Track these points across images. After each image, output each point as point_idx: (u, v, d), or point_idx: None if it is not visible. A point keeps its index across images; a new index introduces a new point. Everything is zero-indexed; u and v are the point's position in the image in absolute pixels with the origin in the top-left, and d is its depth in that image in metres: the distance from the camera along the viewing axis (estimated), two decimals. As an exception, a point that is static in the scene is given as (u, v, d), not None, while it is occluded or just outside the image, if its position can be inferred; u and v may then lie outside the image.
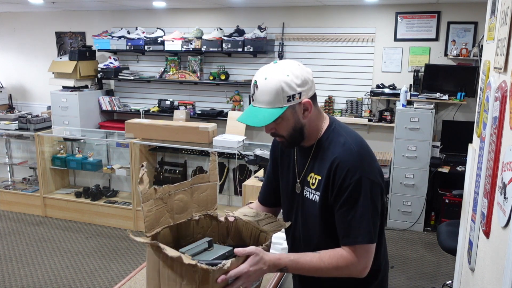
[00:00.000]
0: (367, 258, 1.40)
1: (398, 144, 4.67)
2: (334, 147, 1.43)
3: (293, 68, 1.38)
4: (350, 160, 1.38)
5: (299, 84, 1.37)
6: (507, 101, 1.42)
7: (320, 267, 1.39)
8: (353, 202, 1.37)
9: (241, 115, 1.42)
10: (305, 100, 1.39)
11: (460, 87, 4.73)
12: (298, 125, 1.42)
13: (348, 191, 1.37)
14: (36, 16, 6.69)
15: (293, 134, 1.44)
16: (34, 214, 5.13)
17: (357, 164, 1.38)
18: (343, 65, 5.32)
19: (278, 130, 1.43)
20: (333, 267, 1.39)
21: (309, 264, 1.39)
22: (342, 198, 1.38)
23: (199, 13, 5.84)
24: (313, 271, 1.40)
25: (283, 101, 1.36)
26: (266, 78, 1.35)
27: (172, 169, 4.84)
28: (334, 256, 1.39)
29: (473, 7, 4.80)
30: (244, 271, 1.31)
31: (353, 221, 1.37)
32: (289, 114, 1.39)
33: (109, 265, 3.97)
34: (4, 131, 5.36)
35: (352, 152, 1.39)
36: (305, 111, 1.41)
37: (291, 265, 1.39)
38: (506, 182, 1.31)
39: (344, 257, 1.38)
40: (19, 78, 7.00)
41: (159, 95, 6.12)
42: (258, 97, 1.37)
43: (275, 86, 1.34)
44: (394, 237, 4.60)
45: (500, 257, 1.33)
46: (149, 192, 1.43)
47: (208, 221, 1.67)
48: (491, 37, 1.89)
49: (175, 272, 1.29)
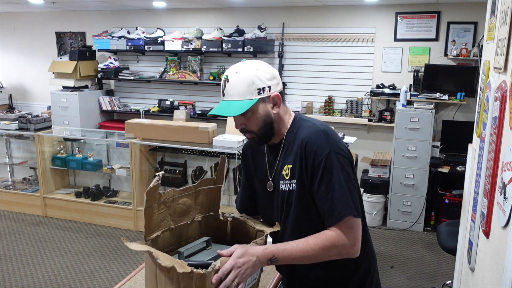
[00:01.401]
0: (354, 233, 1.38)
1: (398, 144, 4.67)
2: (301, 131, 1.47)
3: (261, 64, 1.46)
4: (317, 138, 1.41)
5: (268, 78, 1.44)
6: (507, 101, 1.42)
7: (308, 250, 1.37)
8: (328, 179, 1.38)
9: (213, 109, 1.45)
10: (274, 94, 1.45)
11: (460, 87, 4.73)
12: (268, 119, 1.46)
13: (321, 169, 1.39)
14: (36, 16, 6.69)
15: (263, 129, 1.47)
16: (34, 214, 5.13)
17: (324, 141, 1.41)
18: (343, 65, 5.32)
19: (248, 125, 1.46)
20: (320, 248, 1.37)
21: (295, 249, 1.38)
22: (318, 178, 1.39)
23: (199, 13, 5.84)
24: (301, 256, 1.39)
25: (253, 93, 1.42)
26: (237, 72, 1.42)
27: (172, 169, 4.84)
28: (319, 237, 1.38)
29: (473, 7, 4.80)
30: (232, 264, 1.31)
31: (333, 198, 1.37)
32: (259, 107, 1.44)
33: (109, 265, 3.98)
34: (4, 131, 5.36)
35: (317, 131, 1.43)
36: (274, 106, 1.47)
37: (278, 253, 1.38)
38: (506, 182, 1.31)
39: (329, 236, 1.37)
40: (19, 78, 7.00)
41: (159, 95, 6.13)
42: (229, 90, 1.42)
43: (246, 78, 1.41)
44: (394, 237, 4.60)
45: (500, 257, 1.33)
46: (153, 198, 1.43)
47: (209, 221, 1.67)
48: (491, 37, 1.89)
49: (171, 278, 1.29)
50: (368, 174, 4.90)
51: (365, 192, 4.78)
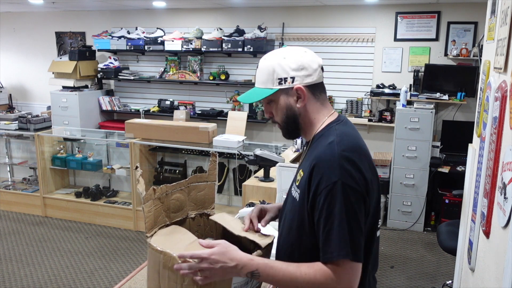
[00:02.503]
0: (350, 278, 1.20)
1: (398, 144, 4.67)
2: (320, 146, 1.30)
3: (294, 52, 1.34)
4: (327, 162, 1.22)
5: (293, 68, 1.31)
6: (507, 101, 1.42)
7: (296, 277, 1.21)
8: (329, 212, 1.19)
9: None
10: (297, 86, 1.32)
11: (460, 87, 4.73)
12: (289, 112, 1.35)
13: (323, 197, 1.20)
14: (36, 16, 6.69)
15: (286, 122, 1.37)
16: (34, 214, 5.13)
17: (336, 167, 1.20)
18: (343, 65, 5.32)
19: (274, 115, 1.41)
20: (310, 280, 1.20)
21: (283, 271, 1.22)
22: (319, 206, 1.22)
23: (199, 13, 5.84)
24: (287, 281, 1.22)
25: (274, 83, 1.33)
26: (265, 59, 1.37)
27: (172, 169, 4.84)
28: (313, 267, 1.22)
29: (473, 7, 4.80)
30: (204, 256, 1.22)
31: (329, 234, 1.19)
32: (281, 98, 1.35)
33: (109, 265, 3.97)
34: (4, 131, 5.36)
35: (333, 153, 1.23)
36: (299, 99, 1.34)
37: (263, 269, 1.23)
38: (506, 182, 1.31)
39: (323, 271, 1.20)
40: (19, 78, 7.00)
41: (159, 95, 6.12)
42: (256, 77, 1.39)
43: (268, 66, 1.34)
44: (394, 237, 4.60)
45: (500, 257, 1.33)
46: (149, 193, 1.43)
47: (205, 220, 1.67)
48: (491, 37, 1.89)
49: (175, 273, 1.28)
50: (368, 174, 4.89)
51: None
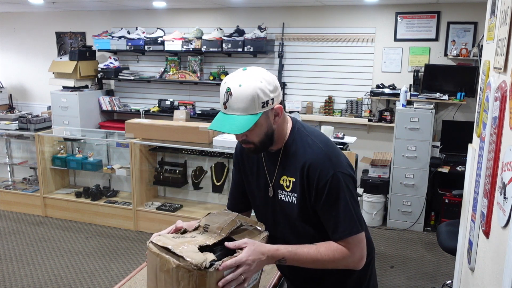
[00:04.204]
0: (361, 248, 1.44)
1: (398, 144, 4.67)
2: (303, 149, 1.45)
3: (264, 74, 1.39)
4: (320, 160, 1.41)
5: (271, 90, 1.38)
6: (507, 101, 1.42)
7: (318, 259, 1.42)
8: (334, 199, 1.40)
9: (213, 123, 1.40)
10: (277, 106, 1.41)
11: (460, 87, 4.73)
12: (269, 131, 1.43)
13: (326, 190, 1.40)
14: (36, 16, 6.69)
15: (264, 140, 1.44)
16: (34, 214, 5.13)
17: (327, 162, 1.41)
18: (343, 65, 5.32)
19: (249, 137, 1.43)
20: (330, 259, 1.42)
21: (306, 255, 1.42)
22: (323, 198, 1.41)
23: (199, 13, 5.84)
24: (310, 262, 1.43)
25: (257, 108, 1.36)
26: (241, 85, 1.34)
27: (172, 169, 4.84)
28: (330, 248, 1.42)
29: (473, 7, 4.80)
30: (243, 260, 1.33)
31: (338, 216, 1.40)
32: (262, 120, 1.39)
33: (109, 265, 3.98)
34: (4, 131, 5.36)
35: (320, 151, 1.43)
36: (276, 117, 1.43)
37: (289, 256, 1.41)
38: (506, 182, 1.31)
39: (339, 249, 1.42)
40: (19, 78, 7.00)
41: (159, 95, 6.13)
42: (233, 104, 1.35)
43: (250, 93, 1.34)
44: (394, 237, 4.60)
45: (500, 257, 1.33)
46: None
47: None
48: (491, 37, 1.89)
49: (171, 276, 1.29)
50: (368, 174, 4.90)
51: (365, 192, 4.77)
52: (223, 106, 1.38)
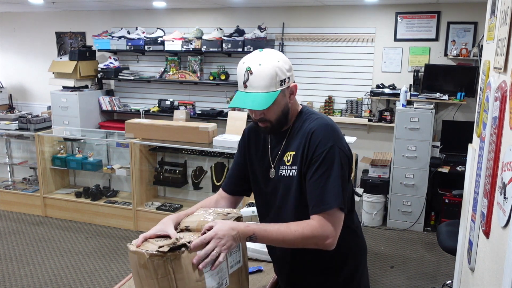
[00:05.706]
0: (335, 227, 1.42)
1: (398, 144, 4.67)
2: (309, 123, 1.52)
3: (280, 55, 1.48)
4: (323, 130, 1.47)
5: (287, 69, 1.47)
6: (507, 101, 1.42)
7: (287, 234, 1.42)
8: (324, 169, 1.43)
9: (233, 101, 1.47)
10: (293, 84, 1.51)
11: (460, 87, 4.73)
12: (285, 109, 1.51)
13: (321, 159, 1.44)
14: (36, 16, 6.69)
15: (280, 118, 1.52)
16: (34, 214, 5.13)
17: (330, 134, 1.47)
18: (343, 65, 5.32)
19: (267, 115, 1.50)
20: (299, 235, 1.41)
21: (276, 232, 1.42)
22: (315, 165, 1.44)
23: (199, 13, 5.84)
24: (280, 240, 1.43)
25: (277, 85, 1.44)
26: (261, 64, 1.42)
27: (172, 169, 4.84)
28: (301, 224, 1.43)
29: (473, 7, 4.80)
30: (212, 235, 1.36)
31: (325, 188, 1.42)
32: (280, 98, 1.47)
33: (109, 265, 3.98)
34: (4, 131, 5.36)
35: (326, 124, 1.50)
36: (291, 95, 1.52)
37: (259, 232, 1.42)
38: (506, 182, 1.31)
39: (310, 225, 1.42)
40: (19, 78, 7.00)
41: (159, 95, 6.13)
42: (253, 83, 1.43)
43: (270, 71, 1.42)
44: (394, 237, 4.60)
45: (500, 257, 1.33)
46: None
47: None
48: (491, 37, 1.89)
49: (149, 269, 1.30)
50: (368, 174, 4.90)
51: (365, 192, 4.78)
52: (243, 85, 1.46)
